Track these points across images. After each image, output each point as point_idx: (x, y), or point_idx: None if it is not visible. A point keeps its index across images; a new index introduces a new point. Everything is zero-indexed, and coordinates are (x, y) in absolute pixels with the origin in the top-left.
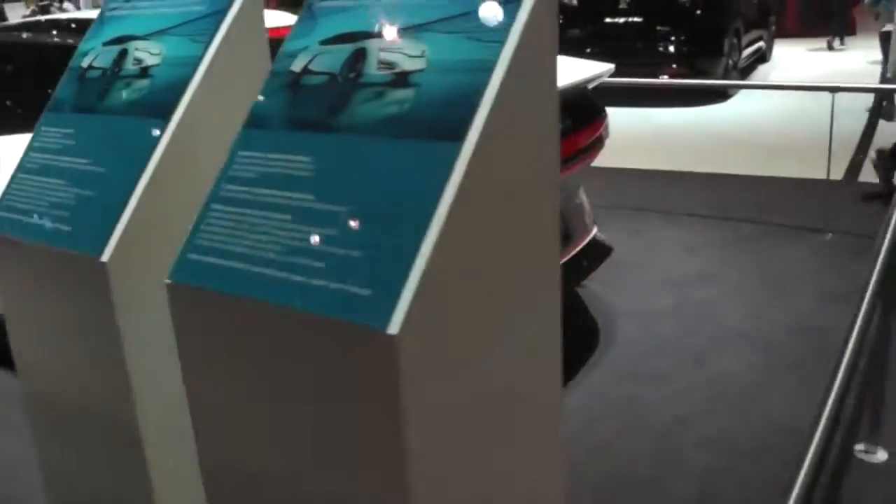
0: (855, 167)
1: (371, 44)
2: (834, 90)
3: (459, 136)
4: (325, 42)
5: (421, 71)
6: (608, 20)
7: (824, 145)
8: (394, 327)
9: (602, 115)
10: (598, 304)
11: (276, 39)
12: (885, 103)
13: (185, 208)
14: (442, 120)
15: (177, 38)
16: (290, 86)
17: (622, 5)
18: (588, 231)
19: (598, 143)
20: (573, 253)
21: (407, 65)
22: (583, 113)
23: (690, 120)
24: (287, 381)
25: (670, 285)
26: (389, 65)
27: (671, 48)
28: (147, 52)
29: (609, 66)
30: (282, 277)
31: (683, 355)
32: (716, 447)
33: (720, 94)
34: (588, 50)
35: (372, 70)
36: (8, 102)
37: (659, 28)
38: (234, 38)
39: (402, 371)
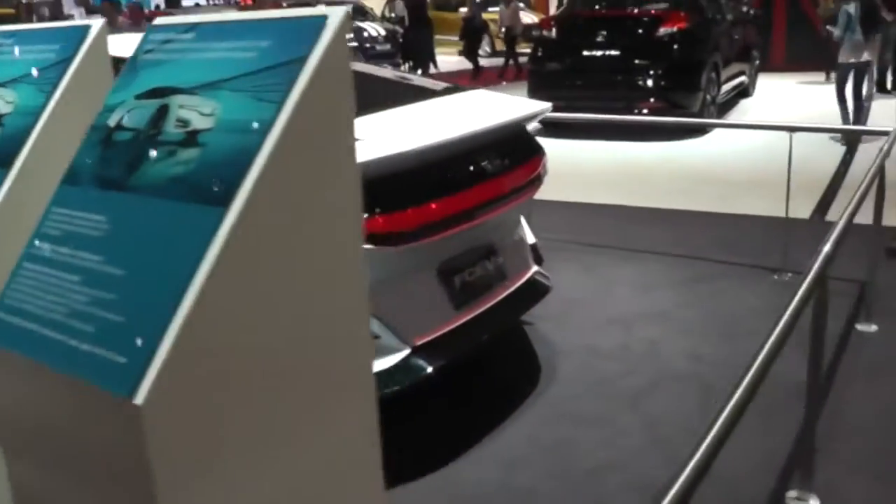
0: (823, 206)
1: (174, 100)
2: (792, 130)
3: (225, 201)
4: (139, 96)
5: (209, 130)
6: (586, 53)
7: (796, 182)
8: (140, 397)
9: (540, 153)
10: (542, 342)
11: None
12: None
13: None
14: (214, 183)
15: (28, 87)
16: (104, 141)
17: (600, 39)
18: (527, 269)
19: (536, 181)
20: (509, 291)
21: (198, 123)
22: (519, 150)
23: (665, 155)
24: (66, 444)
25: (619, 324)
26: (184, 123)
27: (648, 82)
28: (3, 100)
29: (546, 105)
30: (60, 340)
31: (621, 397)
32: (641, 495)
33: (697, 129)
34: (567, 82)
35: (170, 128)
36: None
37: (636, 62)
38: (77, 86)
39: (150, 443)
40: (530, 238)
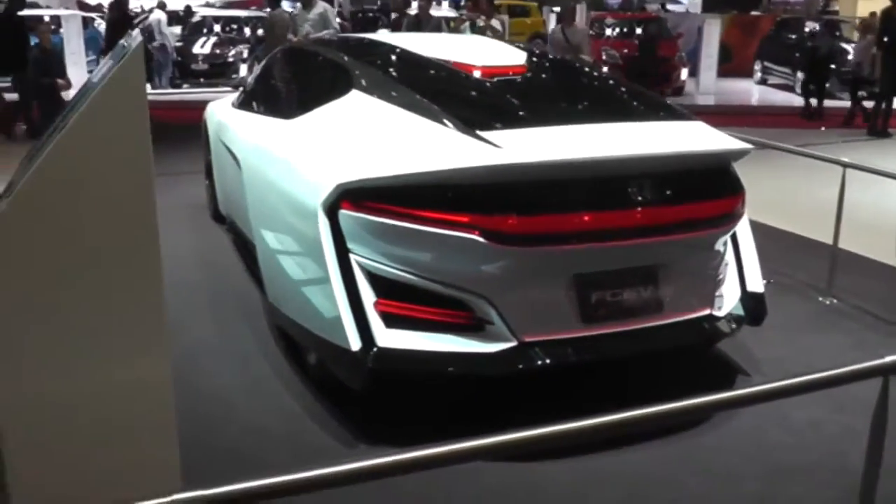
0: None
1: None
2: None
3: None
4: None
5: None
6: None
7: None
8: None
9: (738, 192)
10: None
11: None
12: None
13: None
14: None
15: None
16: None
17: None
18: (699, 309)
19: (727, 219)
20: (658, 323)
21: None
22: (712, 185)
23: None
24: None
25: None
26: None
27: None
28: None
29: (749, 146)
30: None
31: (718, 471)
32: None
33: None
34: None
35: None
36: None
37: None
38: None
39: None
40: (756, 285)
